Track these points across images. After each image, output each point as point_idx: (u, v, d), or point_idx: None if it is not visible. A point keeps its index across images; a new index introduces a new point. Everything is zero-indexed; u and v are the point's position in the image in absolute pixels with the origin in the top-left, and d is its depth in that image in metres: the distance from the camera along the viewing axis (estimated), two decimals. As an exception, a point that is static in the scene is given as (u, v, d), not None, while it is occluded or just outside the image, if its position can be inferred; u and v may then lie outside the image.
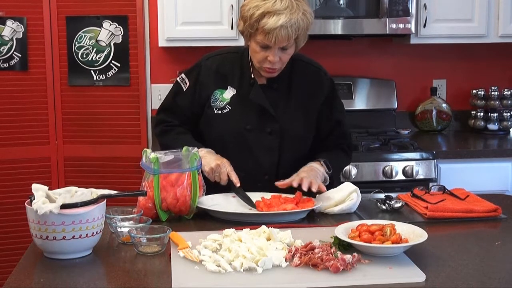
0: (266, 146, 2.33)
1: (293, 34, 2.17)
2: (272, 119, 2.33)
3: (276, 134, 2.33)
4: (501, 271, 1.68)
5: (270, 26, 2.15)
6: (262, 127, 2.33)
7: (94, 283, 1.63)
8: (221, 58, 2.41)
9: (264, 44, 2.20)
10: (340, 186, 2.25)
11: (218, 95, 2.36)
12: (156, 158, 2.07)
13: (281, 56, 2.23)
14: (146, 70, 3.80)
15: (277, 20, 2.14)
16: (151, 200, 2.07)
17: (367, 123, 3.90)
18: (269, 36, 2.16)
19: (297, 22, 2.16)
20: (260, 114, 2.33)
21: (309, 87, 2.38)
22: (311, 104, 2.38)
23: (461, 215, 2.12)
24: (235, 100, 2.35)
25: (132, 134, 3.75)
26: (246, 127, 2.33)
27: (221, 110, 2.35)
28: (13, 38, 3.65)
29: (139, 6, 3.70)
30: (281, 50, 2.21)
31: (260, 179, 2.31)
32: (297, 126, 2.36)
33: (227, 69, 2.37)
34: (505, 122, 3.91)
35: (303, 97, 2.37)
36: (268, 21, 2.15)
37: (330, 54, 3.96)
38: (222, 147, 2.33)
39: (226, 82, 2.36)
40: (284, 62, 2.27)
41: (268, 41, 2.17)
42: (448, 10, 3.65)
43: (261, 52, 2.23)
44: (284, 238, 1.79)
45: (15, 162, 3.71)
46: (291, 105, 2.36)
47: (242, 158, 2.31)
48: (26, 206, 1.74)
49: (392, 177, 3.32)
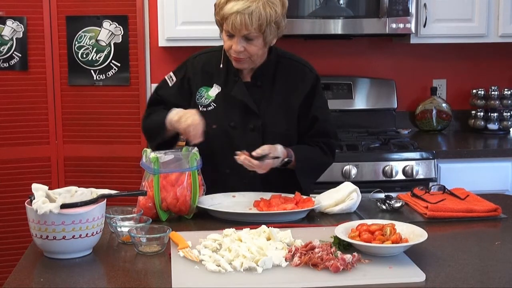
0: (249, 143, 2.31)
1: (252, 22, 2.18)
2: (255, 116, 2.34)
3: (259, 131, 2.34)
4: (501, 271, 1.68)
5: (226, 11, 2.20)
6: (245, 124, 2.34)
7: (94, 283, 1.63)
8: (207, 56, 2.44)
9: (228, 32, 2.24)
10: (340, 186, 2.25)
11: (203, 93, 2.38)
12: (156, 158, 2.08)
13: (246, 47, 2.24)
14: (146, 70, 3.80)
15: (234, 5, 2.19)
16: (151, 200, 2.07)
17: (367, 123, 3.90)
18: (227, 22, 2.21)
19: (256, 10, 2.18)
20: (243, 111, 2.34)
21: (292, 84, 2.39)
22: (293, 101, 2.38)
23: (461, 215, 2.12)
24: (220, 97, 2.37)
25: (132, 134, 3.75)
26: (230, 124, 2.34)
27: (206, 108, 2.36)
28: (13, 38, 3.65)
29: (139, 6, 3.70)
30: (245, 40, 2.23)
31: (245, 175, 2.30)
32: (280, 123, 2.36)
33: (213, 67, 2.40)
34: (505, 122, 3.91)
35: (286, 94, 2.37)
36: (226, 6, 2.21)
37: (330, 54, 3.96)
38: (207, 143, 2.31)
39: (211, 80, 2.39)
40: (251, 53, 2.26)
41: (227, 27, 2.22)
42: (448, 10, 3.65)
43: (228, 41, 2.27)
44: (284, 238, 1.79)
45: (15, 162, 3.71)
46: (274, 102, 2.36)
47: (227, 155, 2.30)
48: (26, 206, 1.75)
49: (392, 177, 3.32)
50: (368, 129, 3.82)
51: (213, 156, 2.31)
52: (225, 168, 2.32)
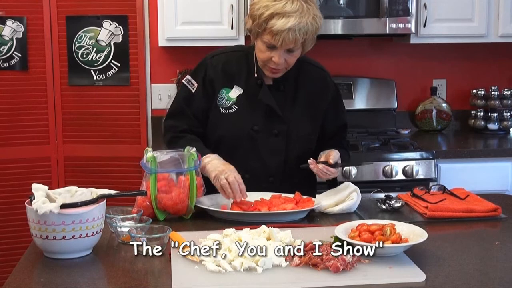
0: (272, 148, 2.31)
1: (300, 37, 2.15)
2: (280, 120, 2.31)
3: (283, 136, 2.32)
4: (501, 271, 1.68)
5: (278, 28, 2.13)
6: (269, 128, 2.31)
7: (94, 283, 1.63)
8: (226, 56, 2.38)
9: (271, 45, 2.19)
10: (340, 186, 2.25)
11: (224, 94, 2.33)
12: (153, 158, 2.06)
13: (286, 58, 2.22)
14: (146, 70, 3.80)
15: (286, 23, 2.13)
16: (148, 199, 2.07)
17: (367, 123, 3.90)
18: (276, 37, 2.15)
19: (305, 26, 2.15)
20: (268, 115, 2.31)
21: (315, 89, 2.37)
22: (317, 106, 2.37)
23: (461, 215, 2.12)
24: (241, 99, 2.32)
25: (132, 134, 3.75)
26: (253, 127, 2.31)
27: (227, 110, 2.32)
28: (13, 38, 3.65)
29: (139, 6, 3.70)
30: (287, 52, 2.20)
31: (265, 180, 2.30)
32: (304, 128, 2.35)
33: (233, 68, 2.35)
34: (505, 122, 3.91)
35: (309, 99, 2.36)
36: (276, 22, 2.14)
37: (330, 54, 3.96)
38: (228, 147, 2.30)
39: (232, 81, 2.34)
40: (289, 64, 2.25)
41: (275, 42, 2.16)
42: (448, 10, 3.65)
43: (267, 52, 2.21)
44: (284, 238, 1.79)
45: (15, 162, 3.71)
46: (297, 106, 2.35)
47: (248, 159, 2.29)
48: (26, 206, 1.74)
49: (392, 176, 3.32)
50: (368, 129, 3.82)
51: (232, 161, 2.23)
52: (244, 173, 2.21)
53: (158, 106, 3.85)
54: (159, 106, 3.85)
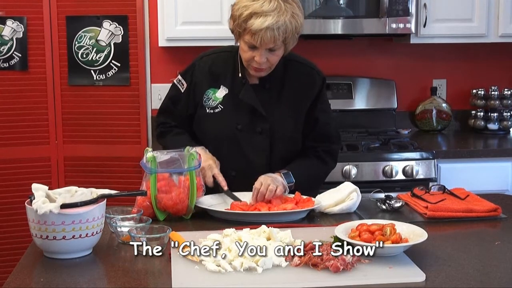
0: (256, 146, 2.33)
1: (279, 36, 2.17)
2: (263, 119, 2.33)
3: (266, 134, 2.33)
4: (501, 271, 1.68)
5: (256, 27, 2.15)
6: (253, 127, 2.33)
7: (94, 283, 1.63)
8: (214, 57, 2.42)
9: (251, 44, 2.21)
10: (340, 186, 2.25)
11: (210, 94, 2.36)
12: (152, 157, 2.07)
13: (268, 57, 2.23)
14: (146, 70, 3.80)
15: (263, 22, 2.15)
16: (148, 199, 2.07)
17: (367, 123, 3.90)
18: (255, 37, 2.17)
19: (284, 25, 2.16)
20: (251, 114, 2.33)
21: (301, 88, 2.38)
22: (302, 105, 2.37)
23: (461, 215, 2.12)
24: (227, 99, 2.35)
25: (132, 134, 3.75)
26: (237, 126, 2.33)
27: (213, 110, 2.35)
28: (13, 38, 3.65)
29: (139, 6, 3.70)
30: (268, 51, 2.22)
31: (251, 178, 2.29)
32: (288, 127, 2.35)
33: (219, 68, 2.38)
34: (505, 122, 3.91)
35: (294, 98, 2.36)
36: (254, 21, 2.16)
37: (330, 54, 3.96)
38: (214, 146, 2.33)
39: (218, 81, 2.37)
40: (272, 63, 2.26)
41: (255, 41, 2.18)
42: (448, 10, 3.64)
43: (249, 51, 2.23)
44: (284, 238, 1.79)
45: (15, 162, 3.71)
46: (282, 105, 2.35)
47: (234, 157, 2.32)
48: (26, 206, 1.75)
49: (392, 176, 3.32)
50: (368, 129, 3.82)
51: (219, 159, 2.30)
52: (231, 171, 2.31)
53: (158, 106, 3.78)
54: (159, 106, 3.83)
